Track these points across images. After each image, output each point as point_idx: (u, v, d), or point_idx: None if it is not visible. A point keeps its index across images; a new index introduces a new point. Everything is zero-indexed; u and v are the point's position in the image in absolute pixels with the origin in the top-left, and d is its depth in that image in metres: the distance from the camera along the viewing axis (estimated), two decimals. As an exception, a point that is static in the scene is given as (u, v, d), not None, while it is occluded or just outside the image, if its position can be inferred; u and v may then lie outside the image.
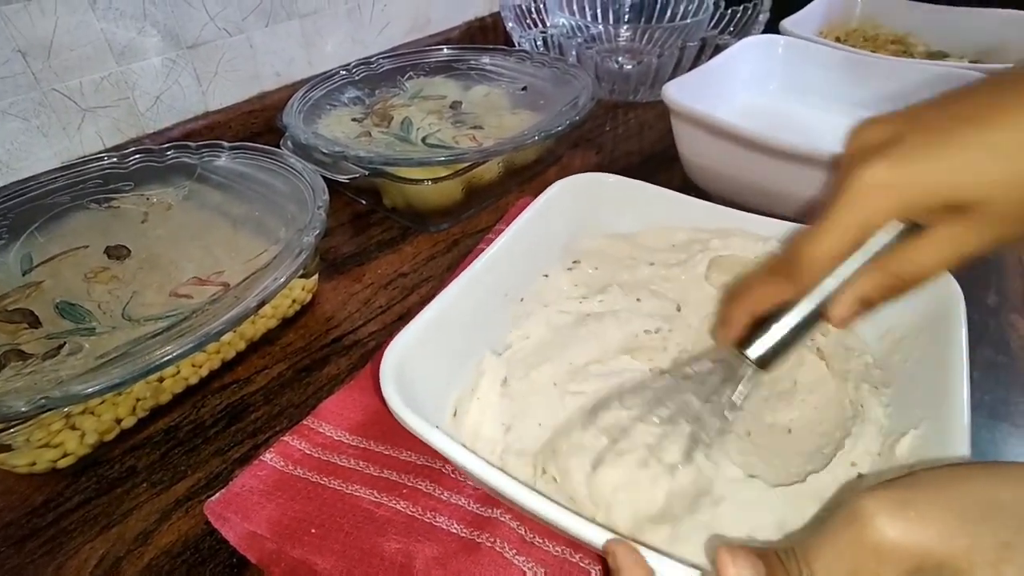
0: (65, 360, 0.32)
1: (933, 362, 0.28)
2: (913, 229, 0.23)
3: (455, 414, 0.32)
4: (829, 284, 0.24)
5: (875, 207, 0.22)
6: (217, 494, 0.30)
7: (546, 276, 0.39)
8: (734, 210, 0.38)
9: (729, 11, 0.74)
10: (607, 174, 0.41)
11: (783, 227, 0.36)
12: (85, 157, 0.48)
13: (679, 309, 0.37)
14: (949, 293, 0.30)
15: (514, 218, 0.47)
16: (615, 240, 0.40)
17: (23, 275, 0.38)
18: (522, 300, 0.37)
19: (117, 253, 0.40)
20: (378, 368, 0.36)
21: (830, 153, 0.40)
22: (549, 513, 0.22)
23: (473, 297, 0.33)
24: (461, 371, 0.33)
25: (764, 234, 0.37)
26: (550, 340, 0.36)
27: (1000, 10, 0.65)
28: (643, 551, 0.20)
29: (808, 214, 0.24)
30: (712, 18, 0.74)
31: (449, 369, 0.32)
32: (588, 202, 0.40)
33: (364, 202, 0.54)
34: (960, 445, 0.23)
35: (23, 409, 0.26)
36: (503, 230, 0.47)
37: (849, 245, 0.23)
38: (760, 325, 0.26)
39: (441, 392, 0.31)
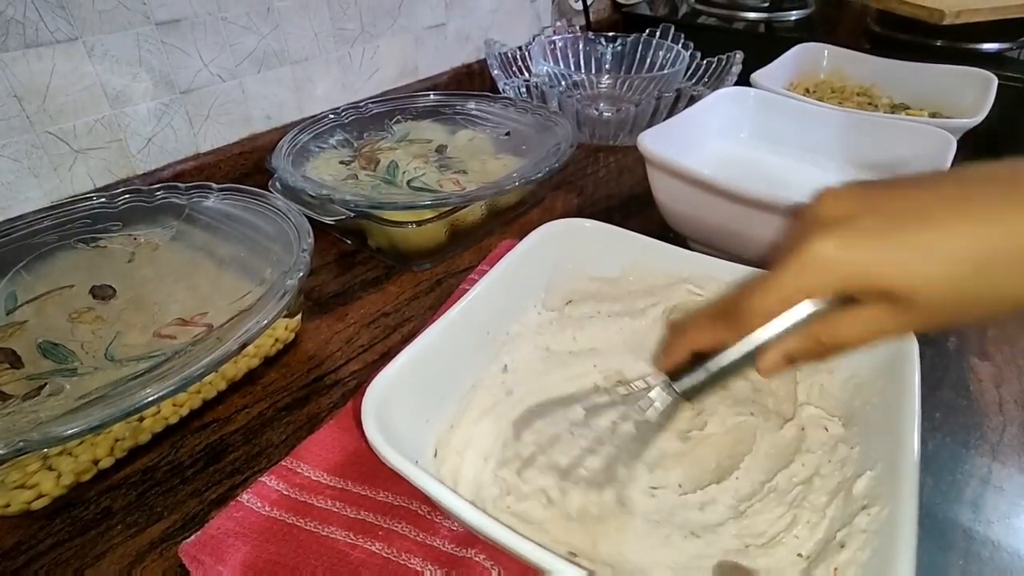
0: (45, 401, 0.32)
1: (889, 406, 0.29)
2: (847, 301, 0.24)
3: (435, 454, 0.32)
4: (760, 336, 0.26)
5: (816, 279, 0.24)
6: (192, 536, 0.30)
7: (525, 317, 0.40)
8: (706, 256, 0.40)
9: (704, 63, 0.78)
10: (585, 220, 0.42)
11: (738, 271, 0.38)
12: (74, 197, 0.49)
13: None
14: (904, 340, 0.32)
15: (497, 259, 0.48)
16: (593, 282, 0.42)
17: (7, 314, 0.38)
18: (505, 336, 0.38)
19: (102, 293, 0.40)
20: (358, 407, 0.37)
21: (791, 202, 0.42)
22: (528, 552, 0.23)
23: (454, 337, 0.34)
24: (441, 409, 0.33)
25: (732, 279, 0.38)
26: (528, 376, 0.37)
27: (957, 66, 0.69)
28: None
29: (768, 258, 0.26)
30: (688, 69, 0.78)
31: (429, 407, 0.32)
32: (567, 247, 0.41)
33: (349, 241, 0.55)
34: (910, 485, 0.24)
35: (2, 452, 0.26)
36: (486, 270, 0.48)
37: (786, 305, 0.25)
38: (697, 360, 0.29)
39: (422, 430, 0.32)
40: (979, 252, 0.22)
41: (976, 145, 0.60)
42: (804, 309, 0.25)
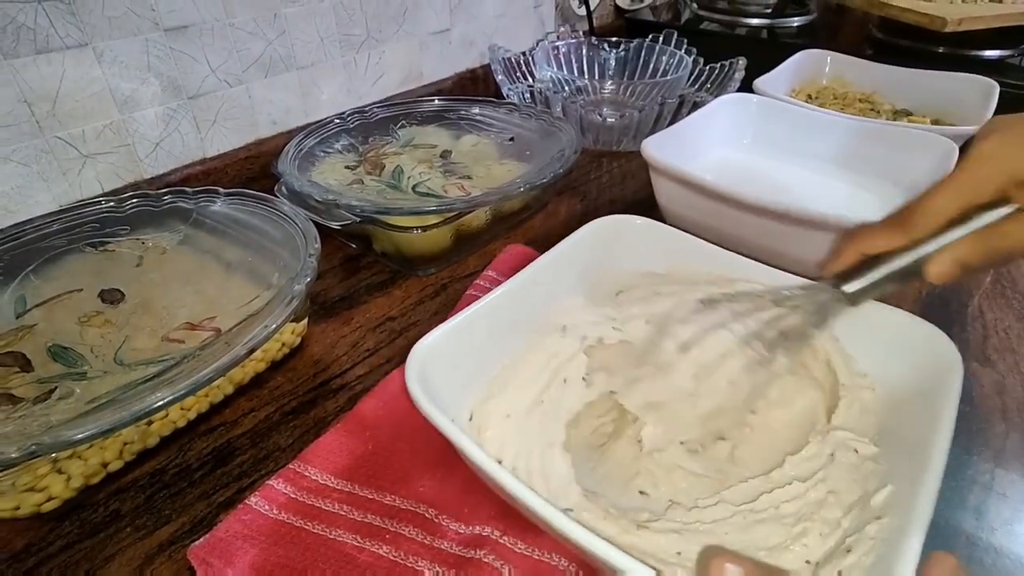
0: (55, 404, 0.32)
1: (923, 422, 0.29)
2: (1016, 213, 0.26)
3: (471, 418, 0.33)
4: (931, 246, 0.27)
5: (984, 173, 0.26)
6: (201, 539, 0.30)
7: (571, 306, 0.40)
8: (751, 260, 0.39)
9: (707, 68, 0.79)
10: (635, 216, 0.42)
11: (781, 278, 0.37)
12: (83, 201, 0.49)
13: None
14: (948, 360, 0.31)
15: (503, 263, 0.48)
16: (642, 276, 0.42)
17: (16, 318, 0.39)
18: (538, 325, 0.39)
19: (111, 297, 0.40)
20: (366, 410, 0.38)
21: (790, 207, 0.42)
22: (553, 520, 0.23)
23: (498, 314, 0.35)
24: (479, 380, 0.35)
25: (774, 284, 0.37)
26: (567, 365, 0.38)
27: (959, 73, 0.69)
28: None
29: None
30: (690, 75, 0.79)
31: (469, 375, 0.34)
32: (613, 243, 0.42)
33: (355, 246, 0.56)
34: (927, 496, 0.24)
35: (14, 455, 0.27)
36: (492, 275, 0.49)
37: (960, 205, 0.26)
38: (865, 265, 0.29)
39: (459, 396, 0.33)
40: None
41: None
42: (978, 220, 0.26)
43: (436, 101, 0.68)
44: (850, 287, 0.30)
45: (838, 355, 0.36)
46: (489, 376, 0.35)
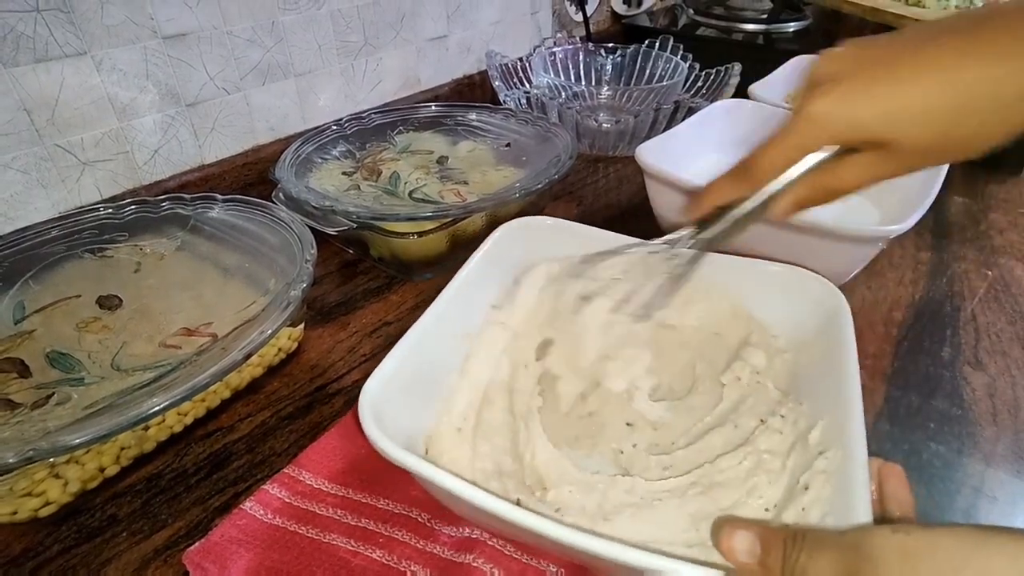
0: (53, 410, 0.32)
1: (830, 361, 0.33)
2: (844, 152, 0.28)
3: (426, 451, 0.33)
4: (772, 187, 0.30)
5: (812, 135, 0.27)
6: (196, 543, 0.30)
7: (497, 307, 0.41)
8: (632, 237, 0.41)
9: (702, 74, 0.79)
10: (545, 216, 0.44)
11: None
12: (82, 207, 0.49)
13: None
14: (837, 303, 0.35)
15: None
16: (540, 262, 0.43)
17: (15, 323, 0.39)
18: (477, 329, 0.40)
19: (109, 303, 0.41)
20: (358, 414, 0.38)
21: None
22: (531, 525, 0.23)
23: (434, 336, 0.35)
24: (429, 407, 0.35)
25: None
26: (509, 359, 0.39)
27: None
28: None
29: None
30: (686, 81, 0.79)
31: (419, 405, 0.33)
32: (528, 245, 0.43)
33: (352, 251, 0.56)
34: (857, 427, 0.27)
35: (11, 460, 0.27)
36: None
37: (791, 159, 0.29)
38: (719, 213, 0.32)
39: (414, 428, 0.33)
40: (953, 102, 0.25)
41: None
42: (808, 161, 0.28)
43: (433, 107, 0.69)
44: (707, 234, 0.33)
45: (742, 309, 0.40)
46: (439, 396, 0.35)
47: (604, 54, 0.87)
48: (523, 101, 0.75)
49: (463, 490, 0.24)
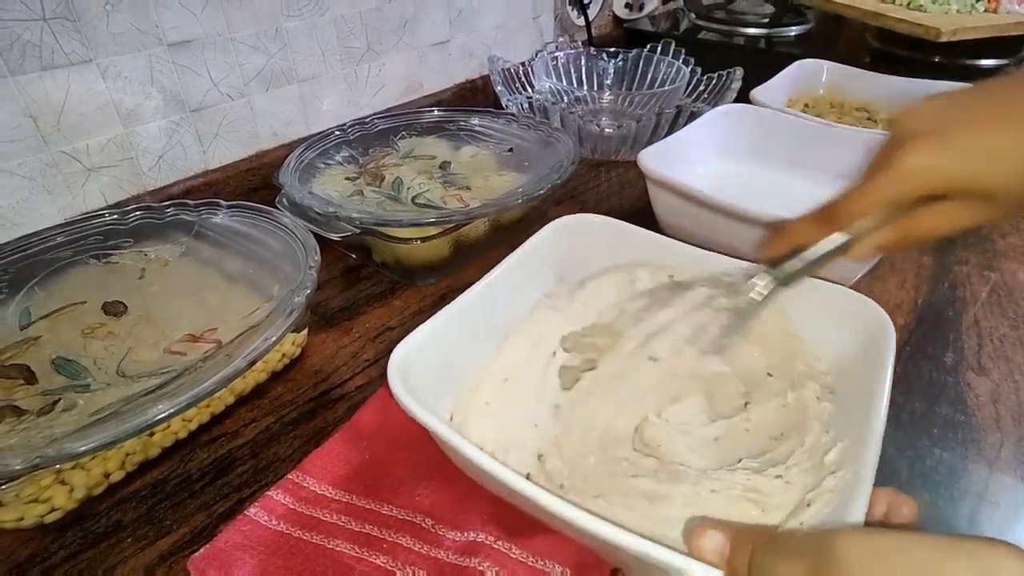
0: (59, 417, 0.33)
1: (865, 384, 0.32)
2: (928, 202, 0.28)
3: (451, 418, 0.34)
4: (853, 232, 0.30)
5: (908, 186, 0.28)
6: (201, 549, 0.31)
7: (540, 298, 0.42)
8: (706, 251, 0.41)
9: (704, 78, 0.79)
10: (594, 215, 0.45)
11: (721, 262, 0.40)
12: (87, 213, 0.50)
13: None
14: (883, 329, 0.34)
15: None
16: (606, 270, 0.44)
17: (21, 330, 0.39)
18: (507, 322, 0.40)
19: (114, 309, 0.41)
20: (364, 420, 0.38)
21: (786, 219, 0.43)
22: (547, 504, 0.24)
23: (471, 314, 0.36)
24: (457, 380, 0.36)
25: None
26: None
27: (955, 82, 0.70)
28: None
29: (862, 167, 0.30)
30: (688, 85, 0.79)
31: (447, 377, 0.35)
32: (576, 241, 0.44)
33: (355, 256, 0.56)
34: (870, 457, 0.27)
35: (18, 467, 0.27)
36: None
37: (880, 207, 0.29)
38: (795, 253, 0.32)
39: (440, 395, 0.34)
40: None
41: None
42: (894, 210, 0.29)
43: (436, 112, 0.69)
44: (781, 271, 0.33)
45: (788, 326, 0.39)
46: (467, 372, 0.37)
47: (606, 58, 0.87)
48: (525, 106, 0.75)
49: (479, 457, 0.26)
